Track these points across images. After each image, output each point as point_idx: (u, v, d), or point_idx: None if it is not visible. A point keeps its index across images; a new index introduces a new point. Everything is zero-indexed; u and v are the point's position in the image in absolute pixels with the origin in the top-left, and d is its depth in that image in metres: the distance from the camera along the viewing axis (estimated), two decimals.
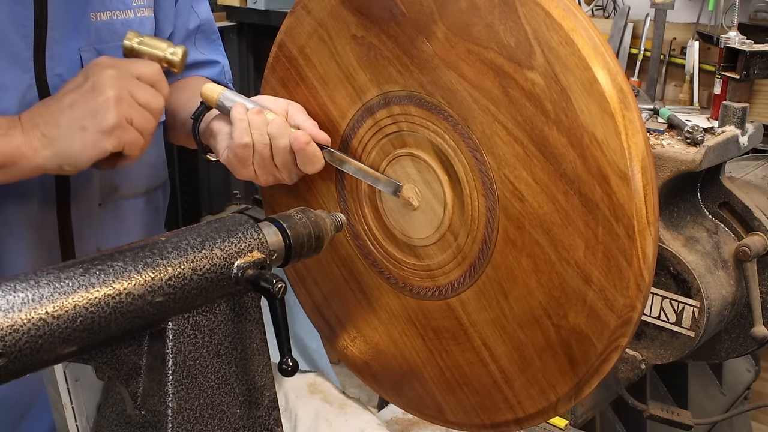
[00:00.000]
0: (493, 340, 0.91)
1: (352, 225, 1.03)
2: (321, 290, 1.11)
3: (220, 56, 1.31)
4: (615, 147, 0.76)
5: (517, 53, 0.80)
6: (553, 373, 0.87)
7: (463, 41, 0.84)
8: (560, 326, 0.85)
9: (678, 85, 2.84)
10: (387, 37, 0.91)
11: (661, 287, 1.30)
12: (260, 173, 0.99)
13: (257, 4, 3.48)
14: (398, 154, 0.95)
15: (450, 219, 0.92)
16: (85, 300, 0.67)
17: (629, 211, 0.77)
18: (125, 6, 1.08)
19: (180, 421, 0.74)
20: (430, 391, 1.00)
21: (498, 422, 0.94)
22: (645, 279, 0.78)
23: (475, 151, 0.87)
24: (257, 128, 0.96)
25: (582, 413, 1.45)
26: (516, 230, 0.86)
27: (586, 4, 3.02)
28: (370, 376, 1.08)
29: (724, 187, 1.37)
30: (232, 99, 0.98)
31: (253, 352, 0.81)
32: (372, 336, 1.05)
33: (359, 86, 0.96)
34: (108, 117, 0.89)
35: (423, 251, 0.96)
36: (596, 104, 0.76)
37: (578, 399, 0.86)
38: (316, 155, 0.97)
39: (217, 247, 0.77)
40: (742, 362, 1.92)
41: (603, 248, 0.79)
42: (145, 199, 1.19)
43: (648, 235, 0.77)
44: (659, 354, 1.32)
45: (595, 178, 0.78)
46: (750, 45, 1.40)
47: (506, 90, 0.82)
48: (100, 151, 0.90)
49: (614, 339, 0.81)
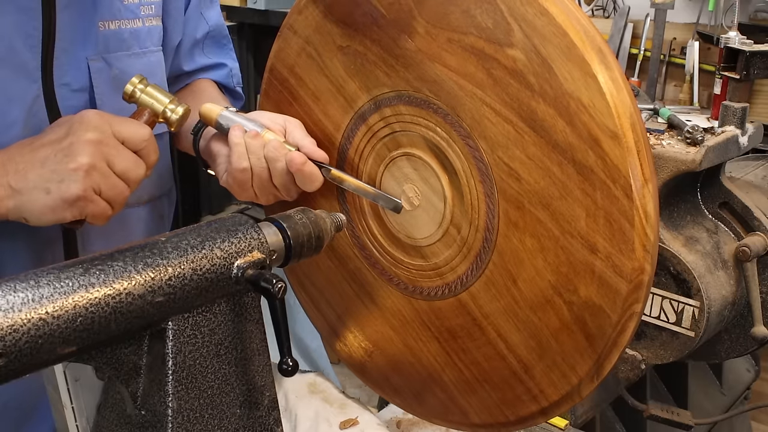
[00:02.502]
0: (507, 329, 0.89)
1: (357, 237, 1.03)
2: (335, 310, 1.10)
3: (230, 60, 1.30)
4: (602, 108, 0.76)
5: (496, 33, 0.82)
6: (572, 353, 0.84)
7: (443, 31, 0.86)
8: (572, 302, 0.83)
9: (678, 85, 2.84)
10: (371, 41, 0.93)
11: (661, 287, 1.31)
12: (260, 195, 1.00)
13: (257, 4, 3.48)
14: (394, 157, 0.96)
15: (451, 212, 0.92)
16: (85, 300, 0.67)
17: (624, 170, 0.76)
18: (134, 15, 1.07)
19: (180, 421, 0.73)
20: (451, 395, 0.97)
21: (523, 416, 0.91)
22: (650, 238, 0.77)
23: (467, 138, 0.87)
24: (254, 152, 0.96)
25: (582, 413, 1.43)
26: (516, 211, 0.85)
27: (586, 4, 3.02)
28: (392, 390, 1.05)
29: (724, 187, 1.38)
30: (230, 118, 0.99)
31: (253, 352, 0.80)
32: (388, 348, 1.03)
33: (350, 95, 0.98)
34: (72, 187, 0.86)
35: (429, 250, 0.95)
36: (577, 68, 0.77)
37: (600, 378, 0.83)
38: (314, 174, 0.97)
39: (217, 247, 0.77)
40: (742, 362, 1.92)
41: (604, 213, 0.78)
42: (150, 206, 1.19)
43: (647, 193, 0.76)
44: (659, 354, 1.33)
45: (587, 143, 0.78)
46: (750, 45, 1.41)
47: (490, 71, 0.83)
48: (58, 218, 0.88)
49: (628, 306, 0.79)
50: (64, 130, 0.90)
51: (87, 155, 0.87)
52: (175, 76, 1.24)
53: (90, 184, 0.88)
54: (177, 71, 1.24)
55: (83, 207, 0.88)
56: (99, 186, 0.89)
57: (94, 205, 0.89)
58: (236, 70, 1.31)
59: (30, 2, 0.95)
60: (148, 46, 1.10)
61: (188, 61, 1.25)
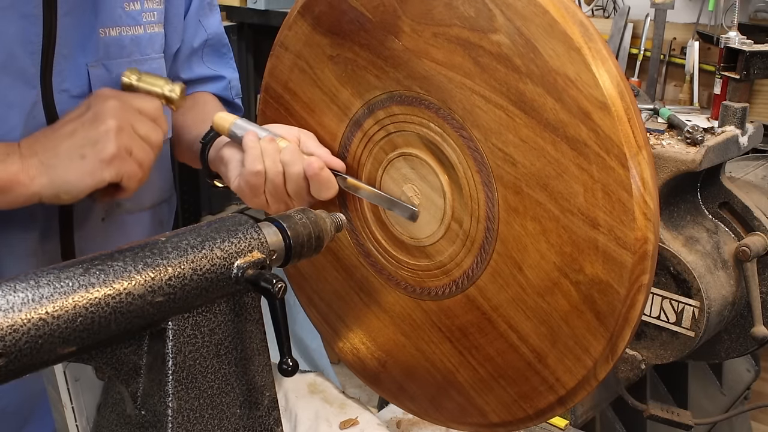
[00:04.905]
0: (517, 319, 0.87)
1: (361, 244, 1.03)
2: (345, 323, 1.09)
3: (229, 70, 1.30)
4: (588, 80, 0.76)
5: (479, 21, 0.83)
6: (584, 334, 0.82)
7: (428, 27, 0.87)
8: (579, 282, 0.81)
9: (678, 85, 2.82)
10: (359, 47, 0.95)
11: (661, 287, 1.31)
12: (272, 202, 0.99)
13: (257, 4, 3.48)
14: (391, 159, 0.96)
15: (452, 206, 0.91)
16: (85, 300, 0.67)
17: (617, 139, 0.76)
18: (135, 22, 1.07)
19: (180, 421, 0.73)
20: (468, 396, 0.95)
21: (542, 408, 0.88)
22: (650, 206, 0.76)
23: (460, 129, 0.87)
24: (270, 156, 0.96)
25: (582, 413, 1.42)
26: (515, 196, 0.85)
27: (586, 4, 3.02)
28: (408, 398, 1.03)
29: (724, 187, 1.38)
30: (244, 128, 0.99)
31: (253, 352, 0.79)
32: (401, 355, 1.02)
33: (343, 103, 0.99)
34: (108, 146, 0.89)
35: (433, 249, 0.95)
36: (561, 44, 0.77)
37: (614, 357, 0.81)
38: (330, 181, 0.97)
39: (217, 247, 0.77)
40: (742, 362, 1.93)
41: (601, 186, 0.78)
42: (151, 213, 1.19)
43: (642, 160, 0.76)
44: (659, 354, 1.33)
45: (578, 117, 0.78)
46: (750, 45, 1.43)
47: (476, 60, 0.84)
48: (98, 181, 0.90)
49: (635, 279, 0.78)
50: (84, 106, 0.93)
51: (114, 117, 0.90)
52: None
53: (122, 143, 0.90)
54: (174, 79, 1.21)
55: (120, 166, 0.90)
56: (129, 146, 0.91)
57: (128, 165, 0.91)
58: (235, 82, 1.31)
59: (32, 8, 0.95)
60: (149, 52, 1.10)
61: (186, 69, 1.24)
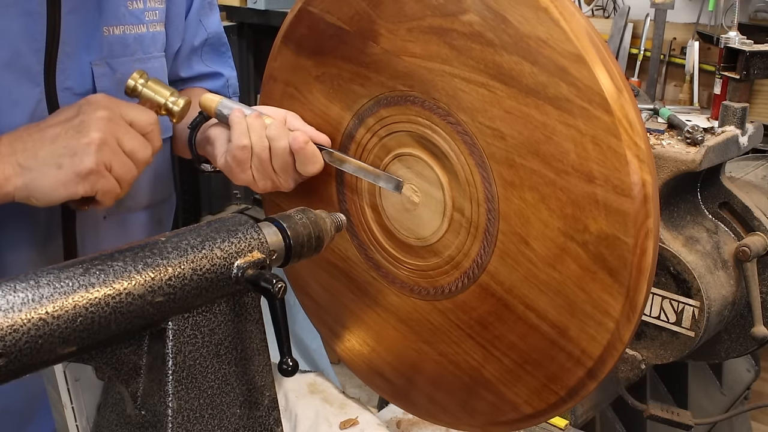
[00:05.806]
0: (533, 296, 0.85)
1: (370, 258, 1.02)
2: (370, 346, 1.07)
3: (227, 69, 1.30)
4: (559, 36, 0.77)
5: (448, 6, 0.85)
6: (600, 296, 0.80)
7: (402, 24, 0.90)
8: (586, 242, 0.80)
9: (678, 85, 2.80)
10: (342, 60, 0.98)
11: (661, 287, 1.30)
12: (258, 178, 0.99)
13: (257, 4, 3.46)
14: (386, 164, 0.97)
15: (451, 196, 0.91)
16: (85, 300, 0.67)
17: (596, 87, 0.76)
18: (138, 21, 1.07)
19: (180, 421, 0.71)
20: (497, 391, 0.91)
21: (573, 386, 0.84)
22: (641, 147, 0.75)
23: (447, 116, 0.88)
24: (256, 131, 0.97)
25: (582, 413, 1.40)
26: (509, 169, 0.84)
27: (586, 4, 3.01)
28: (440, 410, 0.99)
29: (724, 187, 1.38)
30: (230, 106, 1.00)
31: (253, 352, 0.79)
32: (425, 365, 0.99)
33: (335, 120, 1.01)
34: (86, 160, 0.87)
35: (440, 245, 0.94)
36: (528, 8, 0.79)
37: (636, 314, 0.78)
38: (315, 155, 0.97)
39: (217, 247, 0.77)
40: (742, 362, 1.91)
41: (590, 138, 0.77)
42: (150, 212, 1.18)
43: (624, 102, 0.75)
44: (659, 354, 1.32)
45: (556, 75, 0.78)
46: (750, 45, 1.43)
47: (451, 44, 0.86)
48: (70, 193, 0.88)
49: (641, 224, 0.76)
50: (74, 110, 0.91)
51: (99, 131, 0.88)
52: (172, 82, 1.24)
53: (102, 159, 0.88)
54: (174, 77, 1.25)
55: (95, 182, 0.88)
56: (110, 162, 0.89)
57: (105, 181, 0.89)
58: (233, 80, 1.32)
59: (36, 6, 0.96)
60: (151, 51, 1.11)
61: (185, 68, 1.26)
